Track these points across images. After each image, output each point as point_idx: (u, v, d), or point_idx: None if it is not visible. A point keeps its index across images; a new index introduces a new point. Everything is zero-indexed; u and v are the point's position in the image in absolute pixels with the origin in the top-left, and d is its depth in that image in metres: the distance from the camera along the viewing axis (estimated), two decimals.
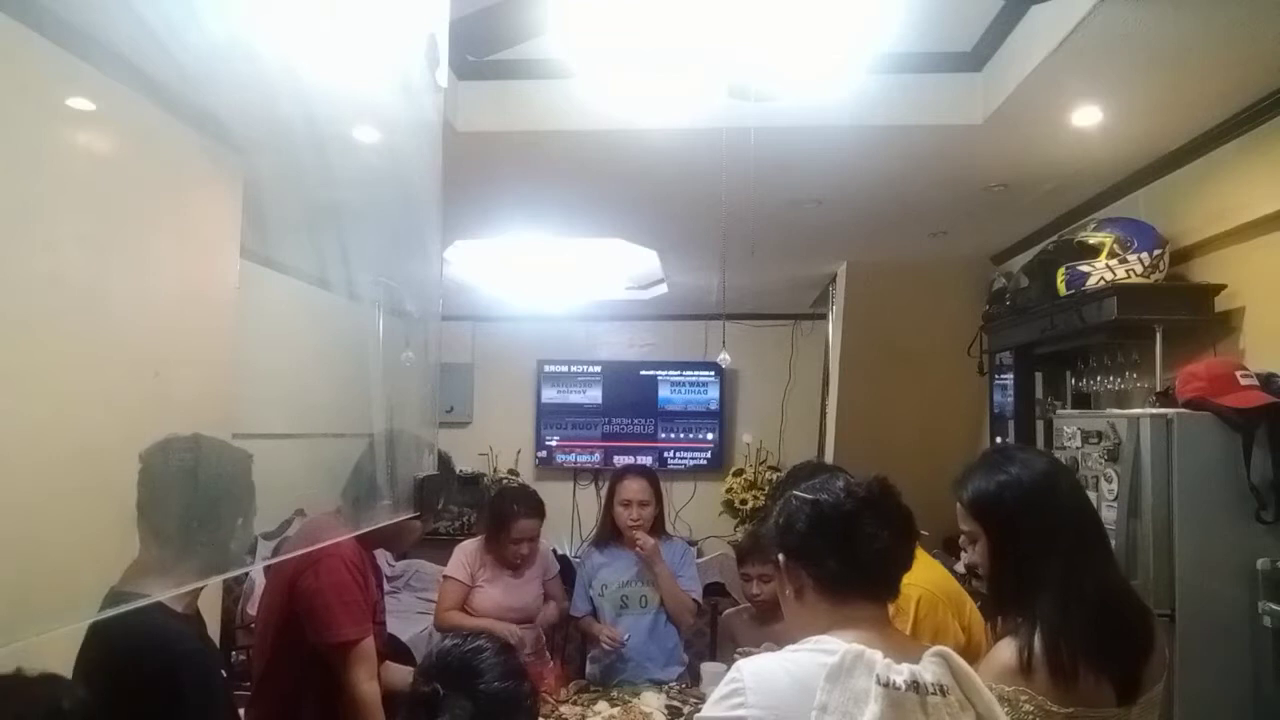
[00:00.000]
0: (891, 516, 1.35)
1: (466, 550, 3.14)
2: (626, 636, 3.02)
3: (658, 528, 3.21)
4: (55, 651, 1.64)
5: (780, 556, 1.41)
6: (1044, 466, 1.59)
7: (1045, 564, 1.49)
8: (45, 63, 1.57)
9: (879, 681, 1.17)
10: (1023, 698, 1.40)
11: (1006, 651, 1.46)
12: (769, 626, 2.78)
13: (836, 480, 1.39)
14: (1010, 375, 3.85)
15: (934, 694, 1.18)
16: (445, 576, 3.12)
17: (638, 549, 3.05)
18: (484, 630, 2.76)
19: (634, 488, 3.14)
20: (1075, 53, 2.16)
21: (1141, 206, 3.07)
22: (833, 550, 1.34)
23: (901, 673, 1.19)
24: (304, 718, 2.16)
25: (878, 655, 1.20)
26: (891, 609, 1.93)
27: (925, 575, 2.06)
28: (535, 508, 3.10)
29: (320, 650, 2.12)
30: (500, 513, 3.09)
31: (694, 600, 3.14)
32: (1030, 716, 1.39)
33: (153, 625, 1.58)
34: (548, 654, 3.17)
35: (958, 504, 1.63)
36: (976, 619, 2.05)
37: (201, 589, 1.76)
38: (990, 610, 1.74)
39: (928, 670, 1.21)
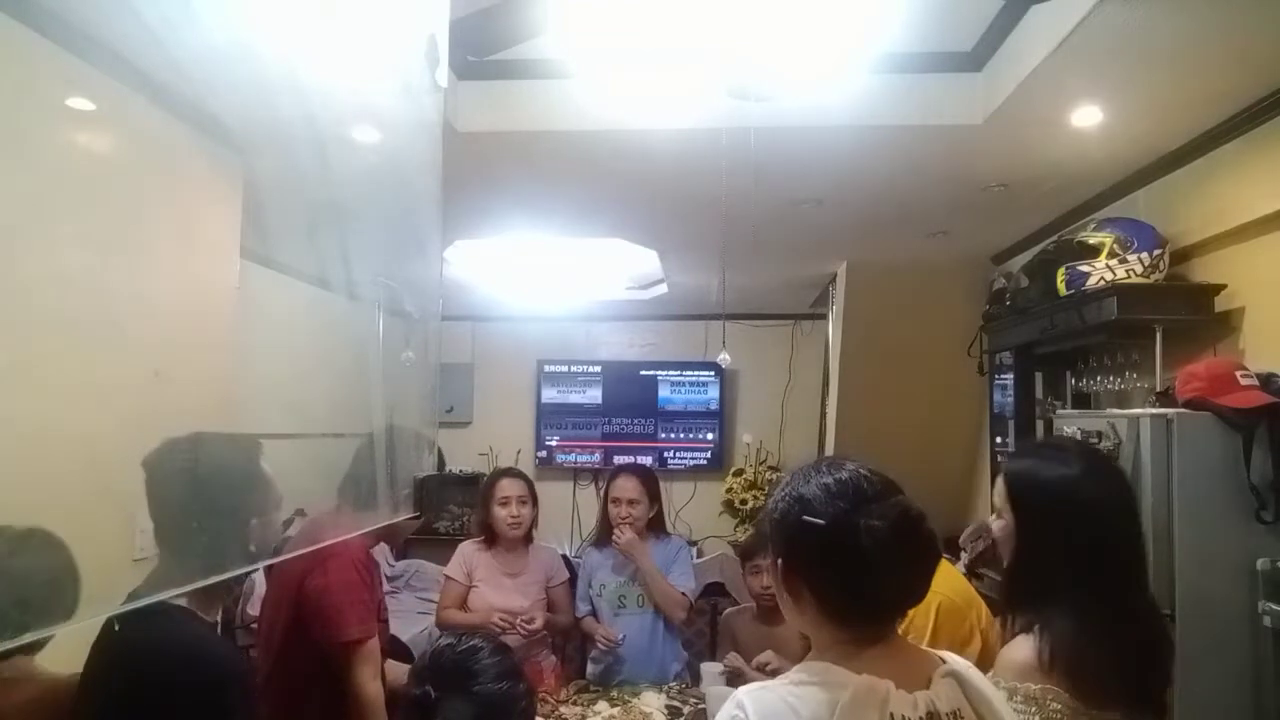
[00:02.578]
0: (916, 553, 1.19)
1: (464, 550, 3.17)
2: (622, 637, 3.02)
3: (656, 527, 3.21)
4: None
5: (779, 561, 1.25)
6: (1113, 476, 1.56)
7: (1064, 574, 1.45)
8: (45, 63, 1.57)
9: (893, 719, 1.10)
10: (1049, 695, 1.37)
11: (1024, 650, 1.42)
12: (771, 627, 2.78)
13: (844, 502, 1.18)
14: (1010, 375, 3.85)
15: None
16: (445, 576, 3.16)
17: (613, 542, 3.05)
18: (476, 627, 2.82)
19: (624, 485, 3.15)
20: (1075, 53, 2.16)
21: (1141, 206, 3.07)
22: (841, 584, 1.19)
23: (916, 706, 1.12)
24: (309, 718, 2.16)
25: (889, 686, 1.11)
26: (910, 615, 1.90)
27: (946, 581, 2.04)
28: (517, 473, 3.22)
29: (326, 649, 2.12)
30: (485, 484, 3.22)
31: (682, 594, 3.09)
32: (1058, 714, 1.36)
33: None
34: (551, 654, 3.17)
35: (1000, 477, 1.60)
36: (990, 620, 2.04)
37: (224, 596, 1.76)
38: (1002, 603, 1.67)
39: (941, 698, 1.14)
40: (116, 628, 1.52)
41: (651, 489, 3.18)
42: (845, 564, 1.17)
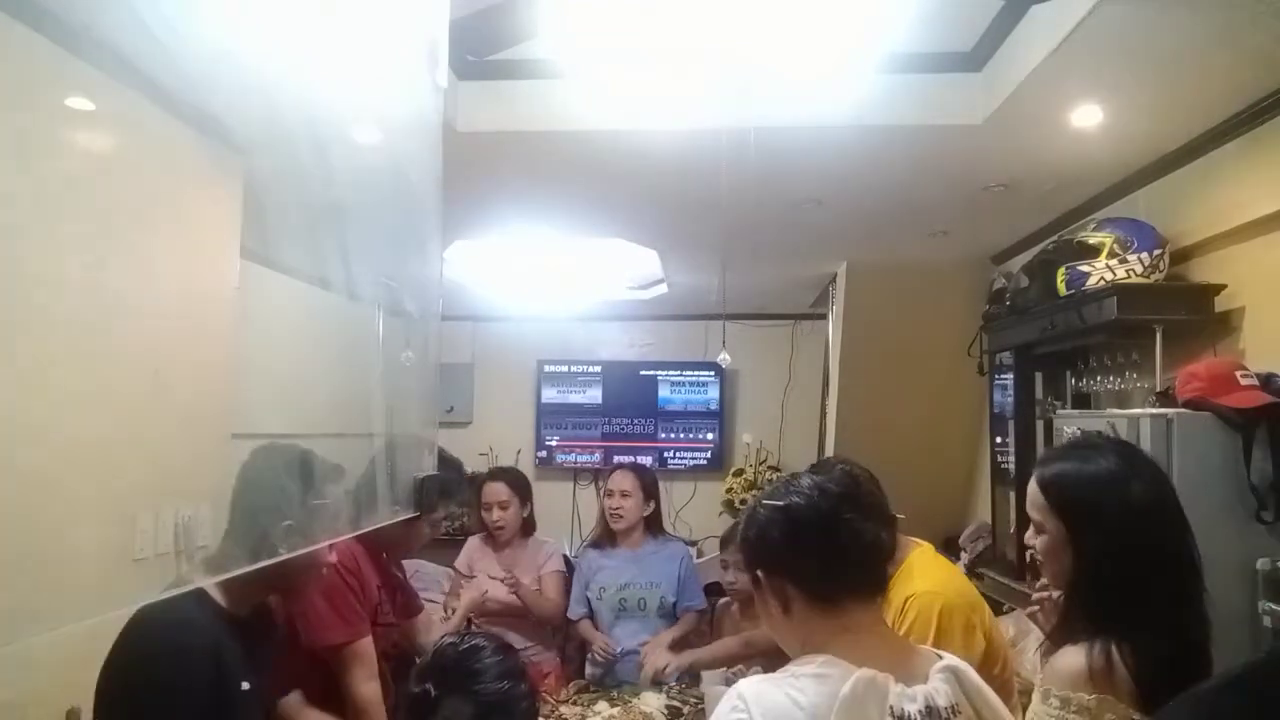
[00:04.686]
0: (868, 506, 1.30)
1: (470, 544, 3.34)
2: (620, 650, 3.05)
3: (654, 527, 3.23)
4: (59, 649, 1.65)
5: (759, 573, 1.32)
6: (1155, 473, 1.49)
7: (1127, 581, 1.34)
8: (45, 63, 1.57)
9: (892, 714, 1.12)
10: (1105, 706, 1.26)
11: (1076, 659, 1.32)
12: (756, 621, 2.79)
13: (800, 480, 1.33)
14: (1010, 375, 3.85)
15: (947, 719, 1.14)
16: (453, 569, 3.38)
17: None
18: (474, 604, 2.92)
19: (616, 478, 3.23)
20: (1075, 53, 2.16)
21: (1141, 206, 3.07)
22: (816, 554, 1.27)
23: (915, 699, 1.14)
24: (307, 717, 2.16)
25: (889, 681, 1.14)
26: (912, 616, 1.91)
27: (949, 582, 2.04)
28: (504, 474, 3.30)
29: (315, 653, 2.13)
30: (477, 485, 3.32)
31: (698, 613, 3.27)
32: None
33: (181, 613, 1.60)
34: (546, 652, 3.19)
35: (1032, 483, 1.49)
36: (993, 621, 2.03)
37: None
38: (1063, 620, 1.46)
39: (939, 692, 1.16)
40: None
41: (646, 484, 3.22)
42: (812, 532, 1.27)
